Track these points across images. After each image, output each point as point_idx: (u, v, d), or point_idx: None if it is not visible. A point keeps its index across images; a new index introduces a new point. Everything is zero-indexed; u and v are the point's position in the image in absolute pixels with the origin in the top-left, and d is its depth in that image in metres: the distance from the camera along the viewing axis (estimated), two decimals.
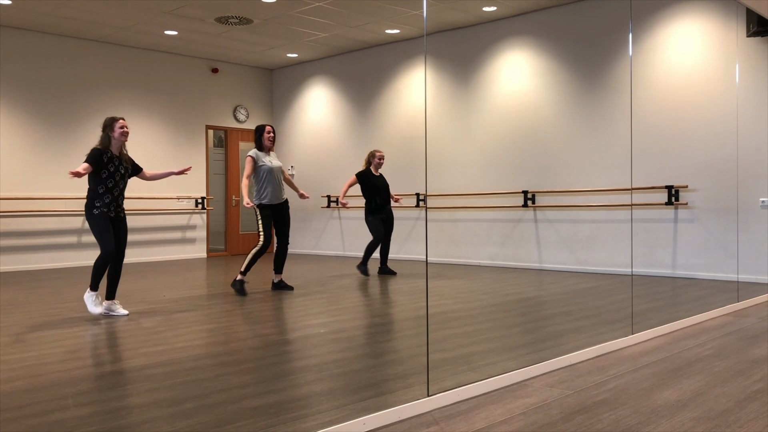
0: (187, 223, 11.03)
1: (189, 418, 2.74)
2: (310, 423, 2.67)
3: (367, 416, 2.66)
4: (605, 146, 8.08)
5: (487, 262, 9.15)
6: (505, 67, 9.02)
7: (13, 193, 9.17)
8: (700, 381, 3.30)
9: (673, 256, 7.56)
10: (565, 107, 8.45)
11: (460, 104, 9.49)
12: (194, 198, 11.09)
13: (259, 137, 6.48)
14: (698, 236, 7.39)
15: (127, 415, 2.79)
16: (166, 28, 9.30)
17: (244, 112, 11.81)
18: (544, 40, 8.63)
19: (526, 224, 8.79)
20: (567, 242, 8.40)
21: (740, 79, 7.07)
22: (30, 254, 9.32)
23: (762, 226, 6.99)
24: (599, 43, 8.14)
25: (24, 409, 2.88)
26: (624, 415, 2.79)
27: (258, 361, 3.75)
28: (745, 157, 7.04)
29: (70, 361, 3.76)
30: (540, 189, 8.63)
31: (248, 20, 8.94)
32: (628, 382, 3.28)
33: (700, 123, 7.38)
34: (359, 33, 9.69)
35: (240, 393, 3.09)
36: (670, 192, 7.50)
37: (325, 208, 11.25)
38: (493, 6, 8.46)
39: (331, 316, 5.20)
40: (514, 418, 2.76)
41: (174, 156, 10.86)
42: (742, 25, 7.02)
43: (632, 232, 7.74)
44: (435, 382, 3.14)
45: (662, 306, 5.57)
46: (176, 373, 3.49)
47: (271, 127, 6.53)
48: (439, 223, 9.62)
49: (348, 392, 3.11)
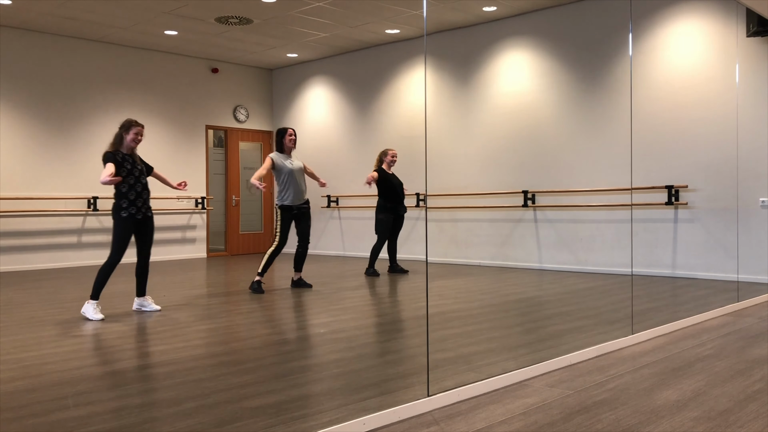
0: (187, 223, 11.03)
1: (189, 418, 2.74)
2: (310, 423, 2.67)
3: (367, 416, 2.66)
4: (605, 146, 8.08)
5: (487, 262, 9.15)
6: (505, 67, 9.02)
7: (13, 193, 9.17)
8: (700, 381, 3.30)
9: (673, 256, 7.56)
10: (565, 107, 8.45)
11: (460, 104, 9.49)
12: (194, 198, 11.09)
13: (281, 139, 6.59)
14: (698, 236, 7.39)
15: (127, 415, 2.79)
16: (166, 28, 9.30)
17: (244, 112, 11.81)
18: (544, 40, 8.63)
19: (526, 224, 8.79)
20: (567, 242, 8.40)
21: (740, 79, 7.07)
22: (30, 254, 9.32)
23: (762, 226, 6.99)
24: (599, 43, 8.14)
25: (24, 409, 2.88)
26: (624, 415, 2.79)
27: (258, 361, 3.75)
28: (745, 157, 7.04)
29: (70, 361, 3.76)
30: (540, 189, 8.63)
31: (248, 20, 8.94)
32: (628, 382, 3.28)
33: (700, 123, 7.38)
34: (359, 33, 9.69)
35: (240, 393, 3.09)
36: (670, 192, 7.50)
37: (325, 208, 11.25)
38: (493, 6, 8.46)
39: (331, 316, 5.20)
40: (514, 418, 2.76)
41: (174, 156, 10.86)
42: (742, 25, 7.02)
43: (632, 232, 7.74)
44: (435, 382, 3.14)
45: (662, 306, 5.57)
46: (176, 373, 3.49)
47: (292, 129, 6.66)
48: (439, 223, 9.62)
49: (348, 392, 3.11)
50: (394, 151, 8.12)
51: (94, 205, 9.85)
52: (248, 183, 6.36)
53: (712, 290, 6.43)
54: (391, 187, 7.92)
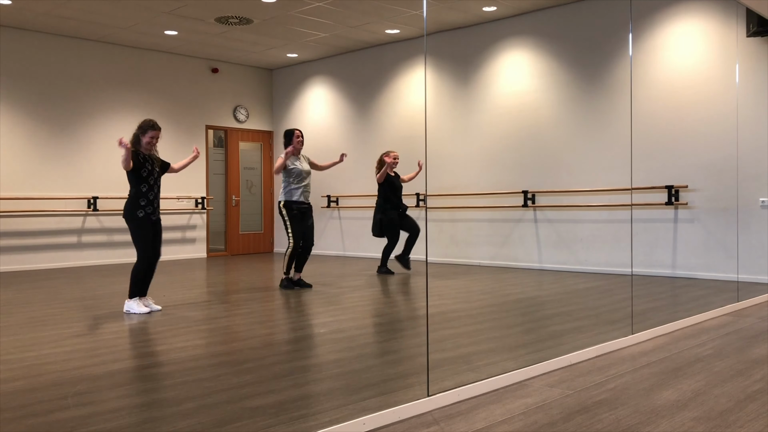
0: (187, 223, 11.03)
1: (189, 418, 2.74)
2: (310, 423, 2.67)
3: (367, 416, 2.66)
4: (605, 146, 8.08)
5: (487, 262, 9.14)
6: (505, 67, 9.02)
7: (13, 193, 9.17)
8: (700, 381, 3.30)
9: (673, 256, 7.56)
10: (565, 107, 8.45)
11: (460, 104, 9.49)
12: (194, 198, 11.09)
13: (288, 142, 6.69)
14: (698, 236, 7.39)
15: (127, 415, 2.79)
16: (166, 28, 9.30)
17: (244, 112, 11.81)
18: (544, 40, 8.63)
19: (525, 224, 8.79)
20: (567, 242, 8.39)
21: (740, 79, 7.07)
22: (30, 254, 9.32)
23: (762, 226, 6.99)
24: (599, 43, 8.14)
25: (24, 409, 2.88)
26: (624, 415, 2.79)
27: (258, 361, 3.75)
28: (745, 157, 7.04)
29: (70, 361, 3.76)
30: (540, 189, 8.63)
31: (248, 20, 8.94)
32: (628, 382, 3.28)
33: (700, 123, 7.38)
34: (359, 33, 9.69)
35: (240, 393, 3.09)
36: (670, 192, 7.50)
37: (325, 208, 11.25)
38: (493, 6, 8.46)
39: (331, 316, 5.20)
40: (514, 418, 2.76)
41: (174, 156, 10.81)
42: (742, 25, 7.02)
43: (632, 232, 7.74)
44: (435, 382, 3.14)
45: (662, 306, 5.57)
46: (176, 373, 3.49)
47: (299, 131, 6.74)
48: (439, 223, 9.62)
49: (348, 392, 3.11)
50: (396, 153, 8.13)
51: (94, 205, 9.84)
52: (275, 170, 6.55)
53: (712, 290, 6.43)
54: (394, 189, 8.00)
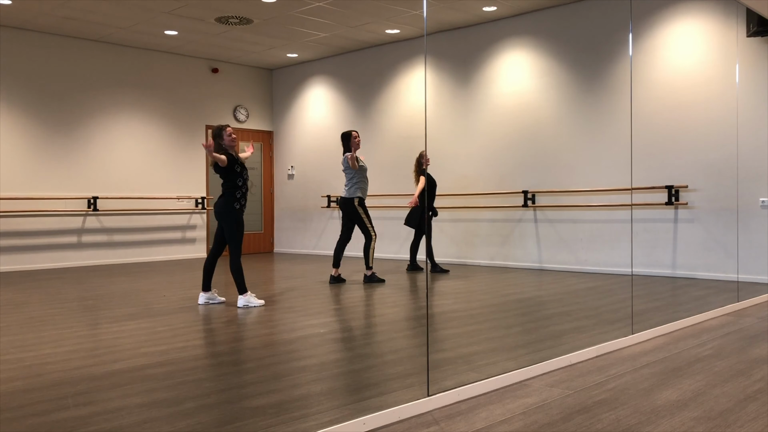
0: (187, 223, 11.03)
1: (189, 418, 2.74)
2: (310, 423, 2.67)
3: (367, 416, 2.66)
4: (605, 146, 8.08)
5: (487, 262, 9.14)
6: (505, 67, 9.02)
7: (13, 193, 9.17)
8: (700, 381, 3.30)
9: (673, 256, 7.56)
10: (565, 107, 8.45)
11: (460, 104, 9.49)
12: (194, 198, 11.09)
13: (347, 142, 7.10)
14: (698, 236, 7.39)
15: (127, 415, 2.79)
16: (166, 28, 9.30)
17: (244, 112, 11.81)
18: (544, 40, 8.63)
19: (526, 224, 8.79)
20: (567, 242, 8.40)
21: (740, 79, 7.07)
22: (30, 254, 9.32)
23: (762, 226, 6.99)
24: (599, 43, 8.14)
25: (24, 409, 2.88)
26: (624, 415, 2.79)
27: (258, 361, 3.75)
28: (745, 157, 7.04)
29: (70, 361, 3.76)
30: (540, 189, 8.63)
31: (248, 20, 8.94)
32: (628, 382, 3.28)
33: (700, 123, 7.38)
34: (359, 33, 9.69)
35: (240, 393, 3.09)
36: (670, 192, 7.50)
37: (325, 208, 11.24)
38: (493, 6, 8.46)
39: (331, 316, 5.20)
40: (514, 418, 2.76)
41: (174, 156, 10.86)
42: (742, 25, 7.02)
43: (632, 232, 7.74)
44: (435, 382, 3.14)
45: (662, 306, 5.57)
46: (176, 373, 3.49)
47: (356, 132, 7.18)
48: (439, 223, 9.61)
49: (348, 392, 3.11)
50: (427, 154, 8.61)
51: (94, 205, 9.84)
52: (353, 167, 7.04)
53: (712, 290, 6.43)
54: (431, 187, 8.35)
